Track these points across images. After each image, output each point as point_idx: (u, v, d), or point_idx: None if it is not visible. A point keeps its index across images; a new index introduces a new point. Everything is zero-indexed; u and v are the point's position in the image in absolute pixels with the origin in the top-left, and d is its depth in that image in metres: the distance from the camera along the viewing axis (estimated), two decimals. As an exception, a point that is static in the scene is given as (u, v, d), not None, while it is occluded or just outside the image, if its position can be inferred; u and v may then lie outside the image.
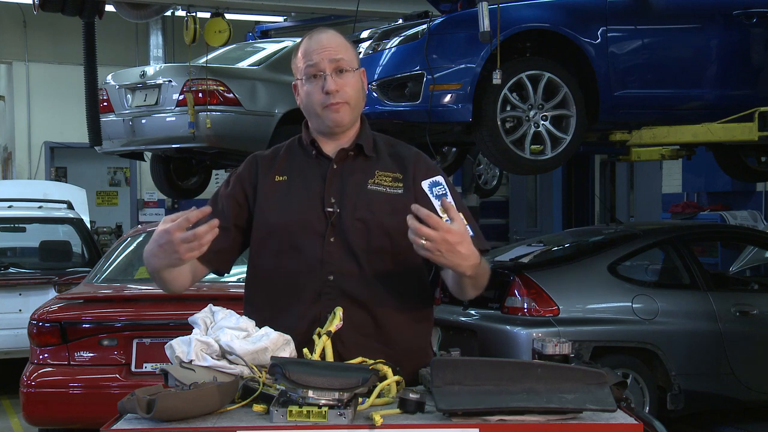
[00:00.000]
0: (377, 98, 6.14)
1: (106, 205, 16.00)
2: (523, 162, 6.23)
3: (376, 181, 2.45)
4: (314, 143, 2.50)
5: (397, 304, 2.43)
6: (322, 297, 2.40)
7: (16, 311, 7.63)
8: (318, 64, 2.43)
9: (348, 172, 2.47)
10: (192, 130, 8.21)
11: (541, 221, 15.60)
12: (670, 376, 6.13)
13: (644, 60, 6.56)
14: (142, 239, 6.70)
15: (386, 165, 2.49)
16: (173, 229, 2.18)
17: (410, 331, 2.47)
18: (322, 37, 2.47)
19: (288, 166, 2.51)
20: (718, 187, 11.76)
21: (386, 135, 2.61)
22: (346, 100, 2.44)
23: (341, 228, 2.41)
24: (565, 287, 6.17)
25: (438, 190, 2.34)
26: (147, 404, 1.94)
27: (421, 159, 2.54)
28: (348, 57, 2.46)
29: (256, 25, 11.45)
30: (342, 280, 2.40)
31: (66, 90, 13.93)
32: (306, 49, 2.47)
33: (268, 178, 2.50)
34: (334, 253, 2.40)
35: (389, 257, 2.42)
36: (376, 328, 2.40)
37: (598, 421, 2.01)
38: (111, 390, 5.25)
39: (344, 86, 2.44)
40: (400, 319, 2.44)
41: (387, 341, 2.41)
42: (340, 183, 2.45)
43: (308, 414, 1.95)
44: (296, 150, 2.55)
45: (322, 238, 2.41)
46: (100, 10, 8.42)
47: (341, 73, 2.44)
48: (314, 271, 2.40)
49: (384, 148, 2.54)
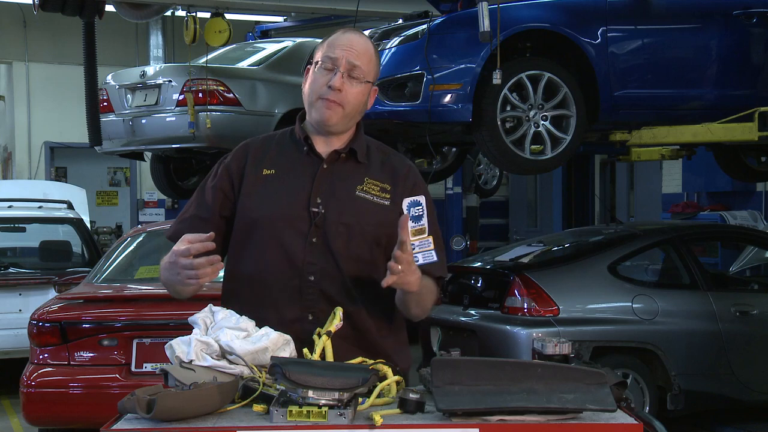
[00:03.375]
0: (377, 98, 6.12)
1: (106, 205, 15.99)
2: (523, 162, 6.22)
3: (364, 188, 2.45)
4: (307, 140, 2.50)
5: (374, 310, 2.45)
6: (303, 297, 2.41)
7: (16, 311, 7.62)
8: (336, 59, 2.43)
9: (338, 175, 2.47)
10: (192, 130, 8.21)
11: (541, 221, 15.59)
12: (670, 376, 6.13)
13: (644, 60, 6.56)
14: (142, 239, 6.70)
15: (377, 174, 2.49)
16: (179, 254, 2.27)
17: (386, 336, 2.49)
18: (353, 38, 2.47)
19: (277, 160, 2.50)
20: (718, 187, 11.75)
21: (380, 142, 2.61)
22: (342, 103, 2.44)
23: (324, 230, 2.41)
24: (565, 287, 6.17)
25: (416, 211, 2.36)
26: (147, 404, 1.94)
27: (411, 175, 2.53)
28: (366, 68, 2.46)
29: (256, 25, 11.44)
30: (322, 281, 2.41)
31: (66, 90, 13.91)
32: (333, 41, 2.47)
33: (256, 169, 2.48)
34: (316, 253, 2.41)
35: (367, 265, 2.43)
36: (353, 331, 2.41)
37: (598, 421, 2.01)
38: (111, 390, 5.24)
39: (349, 91, 2.44)
40: (376, 325, 2.46)
41: (364, 345, 2.42)
42: (328, 184, 2.45)
43: (308, 414, 1.95)
44: (287, 144, 2.54)
45: (305, 238, 2.41)
46: (100, 10, 8.41)
47: (352, 78, 2.44)
48: (296, 270, 2.41)
49: (376, 156, 2.54)
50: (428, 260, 2.37)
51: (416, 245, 2.33)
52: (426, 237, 2.37)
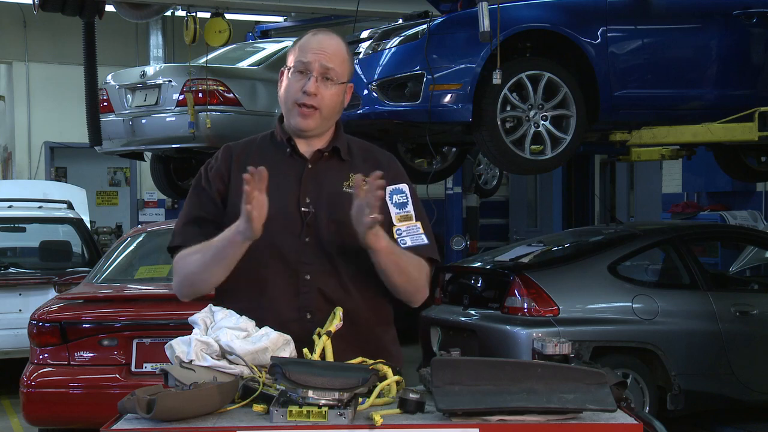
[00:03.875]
0: (377, 98, 6.14)
1: (106, 205, 15.98)
2: (523, 162, 6.22)
3: (350, 184, 2.45)
4: (290, 141, 2.51)
5: (369, 305, 2.47)
6: (299, 296, 2.42)
7: (16, 311, 7.63)
8: (309, 63, 2.45)
9: (323, 174, 2.49)
10: (192, 130, 8.21)
11: (541, 221, 15.58)
12: (670, 376, 6.13)
13: (644, 60, 6.56)
14: (142, 239, 6.70)
15: (360, 169, 2.49)
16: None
17: (381, 330, 2.52)
18: (323, 40, 2.48)
19: (261, 163, 2.45)
20: (718, 187, 11.74)
21: (360, 139, 2.64)
22: (318, 106, 2.45)
23: (316, 228, 2.43)
24: (565, 287, 6.17)
25: (399, 198, 2.47)
26: (147, 404, 1.94)
27: (393, 165, 2.57)
28: (340, 69, 2.47)
29: (256, 25, 11.43)
30: (318, 279, 2.42)
31: (66, 90, 13.91)
32: (304, 44, 2.49)
33: (241, 173, 2.44)
34: (310, 252, 2.43)
35: (361, 259, 2.43)
36: (352, 327, 2.41)
37: (598, 421, 2.01)
38: (111, 390, 5.25)
39: (324, 94, 2.45)
40: (372, 320, 2.48)
41: (361, 340, 2.43)
42: (315, 184, 2.47)
43: (308, 414, 1.95)
44: (268, 146, 2.55)
45: (297, 238, 2.43)
46: (100, 10, 8.40)
47: (326, 80, 2.45)
48: (291, 269, 2.42)
49: (358, 152, 2.56)
50: (418, 242, 2.46)
51: (403, 230, 2.44)
52: (413, 222, 2.47)
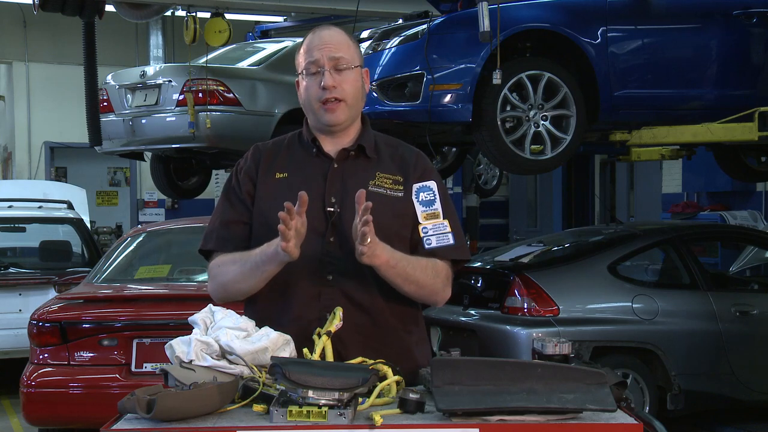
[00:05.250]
0: (377, 98, 6.14)
1: (106, 205, 15.99)
2: (523, 162, 6.22)
3: (377, 183, 2.45)
4: (315, 141, 2.50)
5: (394, 306, 2.45)
6: (321, 296, 2.40)
7: (16, 311, 7.62)
8: (318, 61, 2.44)
9: (349, 173, 2.47)
10: (192, 130, 8.21)
11: (541, 221, 15.59)
12: (670, 376, 6.13)
13: (644, 60, 6.56)
14: (142, 239, 6.70)
15: (387, 167, 2.49)
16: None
17: (406, 332, 2.49)
18: (324, 34, 2.48)
19: (288, 163, 2.51)
20: (718, 187, 11.75)
21: (388, 135, 2.62)
22: (342, 98, 2.45)
23: (341, 228, 2.41)
24: (565, 287, 6.17)
25: (426, 195, 2.42)
26: (147, 404, 1.93)
27: (420, 161, 2.55)
28: (348, 55, 2.46)
29: (256, 25, 11.44)
30: (341, 280, 2.40)
31: (66, 90, 13.92)
32: (308, 45, 2.48)
33: (268, 174, 2.49)
34: (334, 252, 2.41)
35: None
36: (374, 328, 2.41)
37: (598, 421, 2.01)
38: (111, 390, 5.24)
39: (342, 83, 2.44)
40: (396, 321, 2.46)
41: (385, 341, 2.42)
42: (341, 183, 2.45)
43: (308, 414, 1.95)
44: (296, 146, 2.55)
45: (322, 238, 2.41)
46: (100, 10, 8.41)
47: (340, 71, 2.44)
48: (314, 270, 2.40)
49: (385, 149, 2.54)
50: (443, 243, 2.42)
51: (429, 228, 2.39)
52: (440, 221, 2.42)
